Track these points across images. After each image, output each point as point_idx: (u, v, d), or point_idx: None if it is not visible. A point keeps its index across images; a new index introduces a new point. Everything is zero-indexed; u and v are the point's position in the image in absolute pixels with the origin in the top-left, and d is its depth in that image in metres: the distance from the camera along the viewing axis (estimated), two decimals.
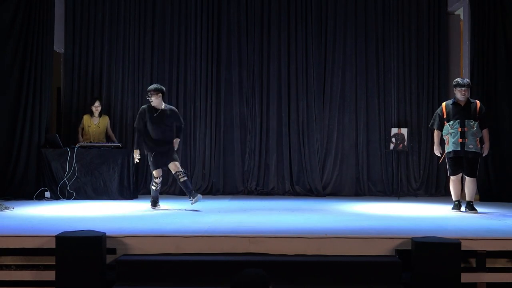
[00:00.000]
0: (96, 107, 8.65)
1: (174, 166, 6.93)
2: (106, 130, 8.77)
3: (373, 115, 9.18)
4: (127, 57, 9.29)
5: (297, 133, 9.17)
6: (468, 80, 6.80)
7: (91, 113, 8.69)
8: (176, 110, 7.21)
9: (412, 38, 9.20)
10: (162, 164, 6.94)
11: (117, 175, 8.06)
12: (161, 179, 7.04)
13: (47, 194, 8.00)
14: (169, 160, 6.93)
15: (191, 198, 6.81)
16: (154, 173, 6.96)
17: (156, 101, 6.84)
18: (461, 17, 9.16)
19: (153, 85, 7.04)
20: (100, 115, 8.71)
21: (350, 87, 9.19)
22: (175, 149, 7.09)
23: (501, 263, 4.71)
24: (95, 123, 8.66)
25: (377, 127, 9.16)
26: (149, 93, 6.85)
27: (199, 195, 6.84)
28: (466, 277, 4.54)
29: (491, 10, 8.25)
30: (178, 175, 6.92)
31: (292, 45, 9.21)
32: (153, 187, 6.97)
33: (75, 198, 7.90)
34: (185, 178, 6.92)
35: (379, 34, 9.22)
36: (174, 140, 7.06)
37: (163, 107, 6.93)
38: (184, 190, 6.97)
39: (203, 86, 9.22)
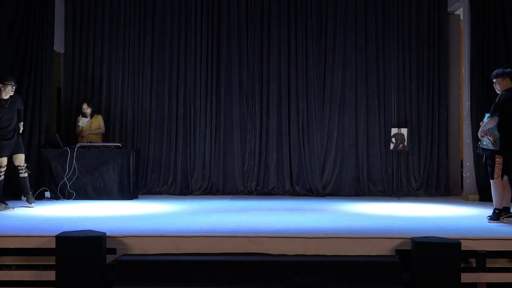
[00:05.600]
0: (84, 109, 8.65)
1: (21, 159, 7.19)
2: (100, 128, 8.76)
3: (373, 115, 9.17)
4: (127, 57, 9.29)
5: (297, 133, 9.17)
6: (498, 70, 5.90)
7: (84, 115, 8.70)
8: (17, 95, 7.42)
9: (412, 38, 9.19)
10: (7, 153, 7.10)
11: (117, 175, 8.06)
12: (5, 168, 7.11)
13: (47, 194, 7.99)
14: (17, 150, 7.17)
15: (25, 198, 7.11)
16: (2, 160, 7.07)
17: (11, 92, 7.06)
18: (461, 17, 9.16)
19: (10, 76, 7.26)
20: (92, 115, 8.70)
21: (350, 87, 9.19)
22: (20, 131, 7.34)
23: (501, 263, 4.72)
24: (87, 123, 8.66)
25: (377, 127, 9.16)
26: (12, 84, 7.04)
27: (33, 200, 7.07)
28: (466, 277, 4.55)
29: (491, 10, 8.25)
30: (20, 170, 7.19)
31: (292, 45, 9.20)
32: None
33: (75, 198, 7.90)
34: (26, 175, 7.21)
35: (379, 34, 9.22)
36: (20, 124, 7.29)
37: (8, 97, 7.09)
38: (26, 189, 7.20)
39: (203, 86, 9.22)
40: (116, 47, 9.28)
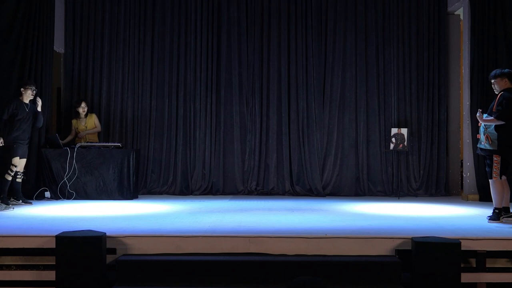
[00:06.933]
0: (83, 108, 8.63)
1: (23, 164, 7.39)
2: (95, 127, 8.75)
3: (373, 115, 9.17)
4: (127, 57, 9.29)
5: (297, 133, 9.17)
6: (496, 71, 5.92)
7: (77, 116, 8.67)
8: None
9: (412, 38, 9.20)
10: (20, 154, 7.25)
11: (117, 175, 8.06)
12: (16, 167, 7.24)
13: (47, 194, 8.00)
14: (24, 155, 7.37)
15: (20, 201, 7.23)
16: (15, 160, 7.19)
17: (31, 96, 7.35)
18: (461, 17, 9.16)
19: (31, 80, 7.63)
20: (86, 115, 8.69)
21: (350, 87, 9.19)
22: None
23: (501, 263, 4.71)
24: (82, 124, 8.64)
25: (377, 127, 9.16)
26: (32, 88, 7.32)
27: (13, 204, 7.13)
28: (466, 277, 4.55)
29: (491, 10, 8.25)
30: (18, 174, 7.31)
31: (292, 45, 9.20)
32: (8, 177, 7.09)
33: (75, 198, 7.91)
34: (21, 180, 7.39)
35: (379, 34, 9.22)
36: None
37: (28, 101, 7.36)
38: (19, 193, 7.30)
39: (203, 86, 9.22)
40: (116, 47, 9.28)
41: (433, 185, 9.09)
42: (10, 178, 7.11)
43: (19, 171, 7.32)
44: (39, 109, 7.49)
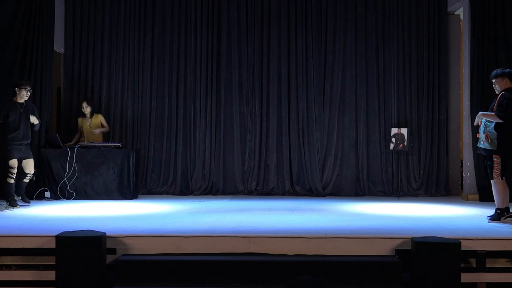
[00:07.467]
0: (84, 108, 8.64)
1: (31, 165, 7.35)
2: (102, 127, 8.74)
3: (373, 115, 9.18)
4: (127, 57, 9.29)
5: (297, 133, 9.17)
6: (497, 71, 5.92)
7: (83, 115, 8.69)
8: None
9: (412, 38, 9.20)
10: (17, 155, 7.15)
11: (117, 175, 8.06)
12: (16, 170, 7.14)
13: (47, 194, 8.00)
14: (27, 155, 7.28)
15: (19, 198, 7.20)
16: (12, 162, 7.10)
17: (25, 97, 7.21)
18: (461, 17, 9.16)
19: (25, 80, 7.51)
20: (92, 115, 8.70)
21: (350, 87, 9.19)
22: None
23: (501, 263, 4.72)
24: (87, 124, 8.65)
25: (377, 127, 9.16)
26: (28, 88, 7.20)
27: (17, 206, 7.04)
28: (466, 277, 4.55)
29: (491, 10, 8.26)
30: (28, 176, 7.33)
31: (292, 45, 9.20)
32: (10, 181, 7.02)
33: (75, 198, 7.91)
34: (27, 181, 7.41)
35: (379, 34, 9.22)
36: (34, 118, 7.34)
37: (23, 102, 7.24)
38: (21, 190, 7.29)
39: (203, 86, 9.23)
40: (116, 47, 9.28)
41: (433, 185, 9.09)
42: (12, 181, 7.05)
43: (28, 173, 7.32)
44: (35, 125, 7.36)
